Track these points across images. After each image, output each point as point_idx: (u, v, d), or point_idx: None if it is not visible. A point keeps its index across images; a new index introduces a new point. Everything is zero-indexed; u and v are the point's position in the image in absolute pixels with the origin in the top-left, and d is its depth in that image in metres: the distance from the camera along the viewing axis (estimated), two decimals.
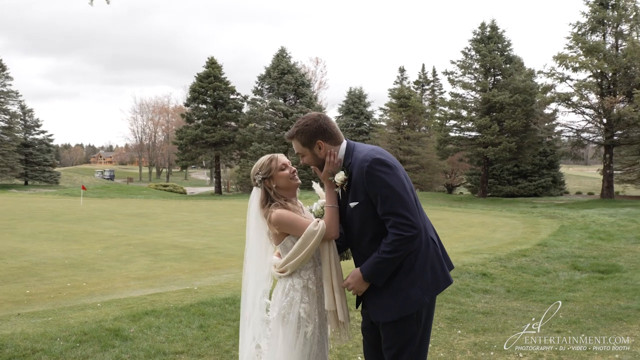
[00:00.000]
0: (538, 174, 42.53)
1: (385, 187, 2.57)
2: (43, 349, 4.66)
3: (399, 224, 2.54)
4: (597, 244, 11.81)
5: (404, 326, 2.68)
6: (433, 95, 65.28)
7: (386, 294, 2.67)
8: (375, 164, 2.60)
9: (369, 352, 2.96)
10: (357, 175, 2.65)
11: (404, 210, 2.55)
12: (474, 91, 36.36)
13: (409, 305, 2.64)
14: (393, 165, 2.63)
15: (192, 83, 46.59)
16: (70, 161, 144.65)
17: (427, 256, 2.69)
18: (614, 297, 7.03)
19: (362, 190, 2.64)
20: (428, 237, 2.73)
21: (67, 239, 12.40)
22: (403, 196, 2.57)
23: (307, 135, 2.79)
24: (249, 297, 3.02)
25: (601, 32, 31.14)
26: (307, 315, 2.80)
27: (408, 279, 2.65)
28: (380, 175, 2.58)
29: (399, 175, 2.62)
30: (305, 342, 2.79)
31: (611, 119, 29.82)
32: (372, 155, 2.64)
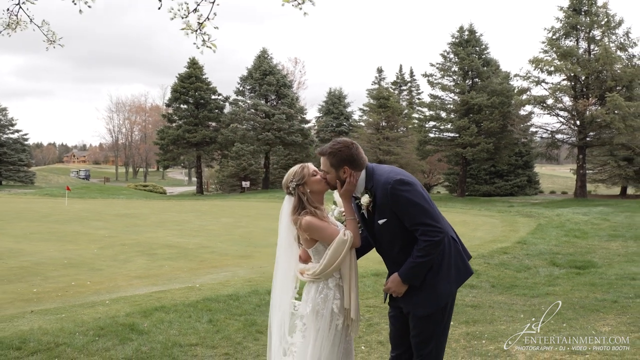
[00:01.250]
0: (514, 173, 43.51)
1: (410, 203, 2.93)
2: (65, 343, 4.91)
3: (427, 231, 2.90)
4: (573, 241, 12.40)
5: (434, 317, 3.09)
6: (410, 96, 66.00)
7: (420, 291, 3.06)
8: (397, 185, 2.95)
9: (396, 337, 3.36)
10: (382, 196, 3.00)
11: (429, 219, 2.92)
12: (452, 93, 37.11)
13: (440, 299, 3.06)
14: (412, 182, 2.99)
15: (174, 83, 46.49)
16: (42, 160, 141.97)
17: (450, 254, 3.08)
18: (590, 290, 7.54)
19: (388, 208, 2.99)
20: (449, 237, 3.11)
21: (61, 240, 12.55)
22: (426, 207, 2.93)
23: (337, 159, 3.12)
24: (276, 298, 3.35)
25: (574, 37, 32.10)
26: (339, 310, 3.14)
27: (438, 277, 3.04)
28: (404, 195, 2.93)
29: (419, 190, 2.98)
30: (336, 333, 3.15)
31: (584, 121, 30.77)
32: (393, 177, 2.98)
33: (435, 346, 3.17)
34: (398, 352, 3.36)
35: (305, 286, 3.31)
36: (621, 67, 29.67)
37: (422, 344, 3.16)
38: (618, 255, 10.54)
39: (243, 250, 11.41)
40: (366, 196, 3.08)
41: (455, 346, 5.12)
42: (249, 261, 10.07)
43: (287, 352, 3.28)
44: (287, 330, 3.28)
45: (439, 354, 3.21)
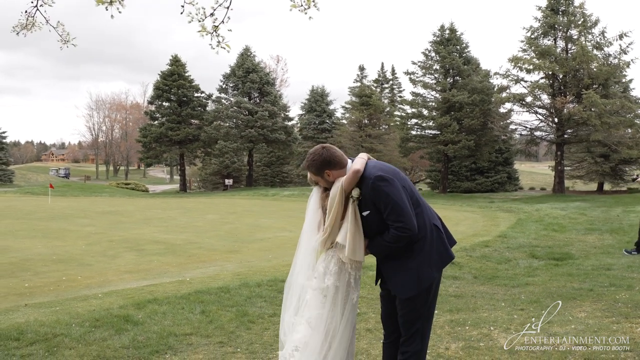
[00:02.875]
0: (494, 170, 44.18)
1: (386, 198, 3.20)
2: (63, 333, 5.03)
3: (397, 227, 3.20)
4: (552, 235, 12.78)
5: (417, 299, 3.35)
6: (392, 94, 66.44)
7: (404, 274, 3.34)
8: (377, 180, 3.22)
9: (386, 317, 3.63)
10: (365, 189, 3.28)
11: (400, 217, 3.19)
12: (434, 91, 37.55)
13: (423, 282, 3.31)
14: (391, 179, 3.24)
15: (156, 81, 46.20)
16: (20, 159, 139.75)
17: (432, 240, 3.36)
18: (568, 280, 7.87)
19: (370, 201, 3.27)
20: (431, 224, 3.39)
21: (47, 236, 12.55)
22: (400, 204, 3.19)
23: (316, 168, 3.42)
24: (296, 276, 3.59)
25: (552, 36, 32.71)
26: (355, 284, 3.45)
27: (419, 261, 3.32)
28: (381, 189, 3.21)
29: (396, 186, 3.23)
30: (353, 308, 3.45)
31: (562, 118, 31.39)
32: (374, 172, 3.26)
33: (422, 326, 3.44)
34: (389, 330, 3.64)
35: (320, 260, 3.56)
36: (597, 65, 30.31)
37: (408, 324, 3.42)
38: (594, 248, 10.93)
39: (230, 246, 11.55)
40: (356, 189, 3.34)
41: (440, 332, 5.36)
42: (236, 256, 10.22)
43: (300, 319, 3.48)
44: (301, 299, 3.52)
45: (424, 334, 3.47)
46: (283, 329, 3.60)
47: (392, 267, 3.41)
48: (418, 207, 3.36)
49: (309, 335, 3.39)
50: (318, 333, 3.38)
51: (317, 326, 3.39)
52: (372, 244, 3.37)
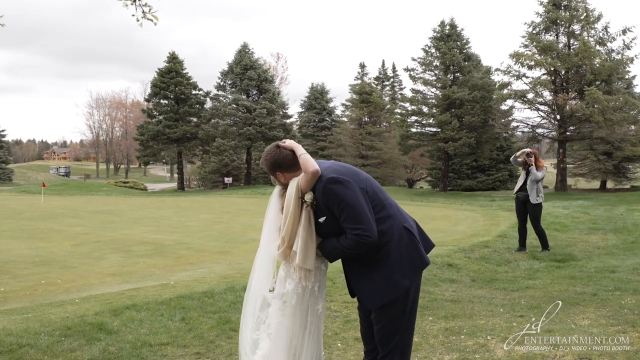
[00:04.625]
0: (495, 168, 43.83)
1: (340, 202, 2.90)
2: (29, 344, 4.71)
3: (355, 234, 2.89)
4: (553, 235, 12.42)
5: (392, 309, 3.03)
6: (393, 91, 66.15)
7: (371, 283, 3.03)
8: (329, 183, 2.92)
9: (366, 332, 3.31)
10: (318, 194, 2.98)
11: (358, 222, 2.88)
12: (434, 88, 37.16)
13: (392, 291, 2.99)
14: (345, 180, 2.94)
15: (153, 78, 45.91)
16: (22, 157, 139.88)
17: (401, 245, 3.03)
18: (570, 283, 7.51)
19: (325, 207, 2.98)
20: (401, 227, 3.07)
21: (33, 237, 12.21)
22: (356, 208, 2.89)
23: (268, 167, 3.19)
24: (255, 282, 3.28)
25: (554, 31, 32.31)
26: (320, 292, 3.12)
27: (387, 268, 3.00)
28: (335, 192, 2.91)
29: (352, 188, 2.93)
30: (318, 319, 3.13)
31: (564, 115, 31.02)
32: (327, 174, 2.96)
33: (400, 340, 3.10)
34: (369, 347, 3.31)
35: (282, 266, 3.26)
36: (600, 61, 29.92)
37: (385, 338, 3.09)
38: (597, 248, 10.57)
39: (221, 247, 11.22)
40: (310, 193, 3.06)
41: (434, 342, 5.02)
42: (226, 257, 9.88)
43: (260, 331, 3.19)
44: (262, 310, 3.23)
45: (404, 349, 3.13)
46: (244, 348, 3.26)
47: (358, 276, 3.11)
48: (383, 209, 3.05)
49: (271, 350, 3.07)
50: (280, 346, 3.06)
51: (277, 337, 3.07)
52: (324, 244, 3.07)
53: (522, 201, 10.34)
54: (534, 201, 10.08)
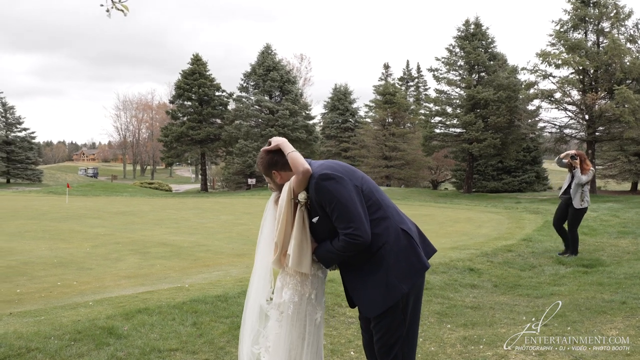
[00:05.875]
0: (522, 169, 43.03)
1: (332, 199, 2.78)
2: (38, 348, 4.66)
3: (347, 234, 2.76)
4: (581, 238, 11.96)
5: (391, 317, 2.88)
6: (418, 91, 65.65)
7: (368, 290, 2.88)
8: (321, 180, 2.81)
9: (368, 344, 3.16)
10: (311, 192, 2.87)
11: (349, 221, 2.75)
12: (458, 88, 36.63)
13: (390, 297, 2.84)
14: (339, 177, 2.82)
15: (177, 80, 46.36)
16: (52, 159, 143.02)
17: (398, 248, 2.88)
18: (597, 290, 7.19)
19: (317, 205, 2.87)
20: (398, 229, 2.92)
21: (54, 238, 12.32)
22: (349, 207, 2.76)
23: (263, 168, 3.13)
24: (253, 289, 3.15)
25: (583, 29, 31.54)
26: (317, 300, 2.98)
27: (384, 273, 2.85)
28: (327, 189, 2.79)
29: (345, 185, 2.81)
30: (317, 329, 2.99)
31: (593, 115, 30.24)
32: (319, 171, 2.86)
33: (401, 351, 2.93)
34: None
35: (279, 276, 3.15)
36: (631, 59, 29.05)
37: (385, 349, 2.92)
38: (627, 253, 10.15)
39: (239, 249, 11.14)
40: (303, 192, 2.97)
41: (451, 351, 4.82)
42: (243, 260, 9.78)
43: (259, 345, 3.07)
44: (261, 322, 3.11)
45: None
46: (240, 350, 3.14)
47: (354, 283, 2.96)
48: (379, 210, 2.90)
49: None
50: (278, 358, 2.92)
51: (276, 350, 2.93)
52: (319, 248, 2.95)
53: (565, 205, 9.91)
54: (577, 206, 9.62)
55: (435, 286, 7.32)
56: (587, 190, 9.70)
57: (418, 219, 17.56)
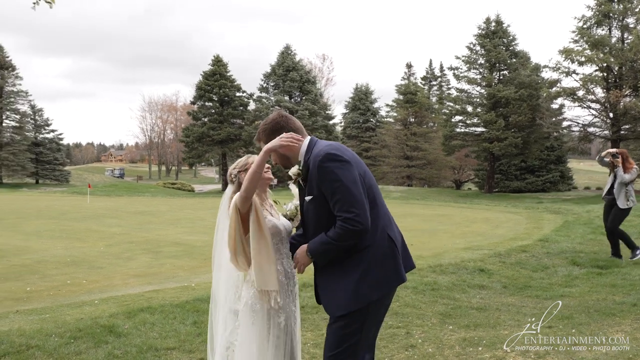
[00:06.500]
0: (545, 169, 42.29)
1: (335, 181, 2.63)
2: (37, 345, 4.72)
3: (346, 219, 2.59)
4: (600, 239, 11.75)
5: (347, 321, 2.70)
6: (441, 91, 65.06)
7: (337, 289, 2.72)
8: (327, 159, 2.66)
9: None
10: (312, 169, 2.72)
11: (351, 206, 2.59)
12: (479, 86, 36.19)
13: (355, 302, 2.68)
14: (345, 160, 2.67)
15: (198, 81, 46.82)
16: (81, 160, 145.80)
17: (379, 253, 2.73)
18: (610, 292, 7.00)
19: (315, 184, 2.71)
20: (385, 234, 2.77)
21: (71, 237, 12.53)
22: (352, 190, 2.61)
23: (267, 135, 2.93)
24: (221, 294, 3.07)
25: (607, 25, 30.90)
26: (279, 307, 2.86)
27: (358, 275, 2.68)
28: (331, 169, 2.64)
29: (350, 170, 2.66)
30: (280, 332, 2.85)
31: (617, 113, 29.59)
32: (326, 150, 2.70)
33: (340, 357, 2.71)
34: None
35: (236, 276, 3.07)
36: None
37: (328, 348, 2.76)
38: None
39: None
40: (296, 166, 2.87)
41: (448, 353, 4.73)
42: None
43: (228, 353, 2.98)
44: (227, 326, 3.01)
45: None
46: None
47: (326, 279, 2.79)
48: (374, 207, 2.75)
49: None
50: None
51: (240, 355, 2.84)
52: (313, 245, 2.74)
53: (609, 206, 9.61)
54: (622, 206, 9.25)
55: (442, 287, 7.22)
56: (632, 189, 9.34)
57: (435, 220, 17.39)
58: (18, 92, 51.23)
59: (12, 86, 50.93)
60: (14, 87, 51.03)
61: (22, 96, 51.74)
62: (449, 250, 10.18)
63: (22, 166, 49.20)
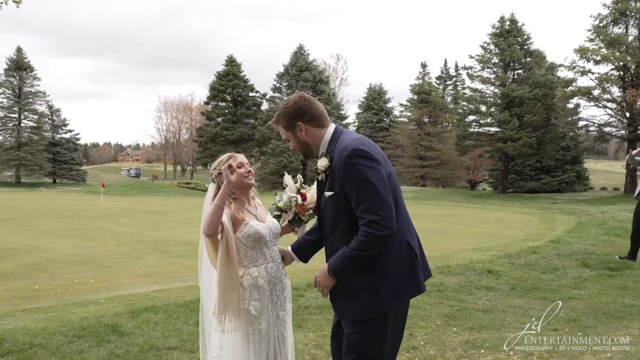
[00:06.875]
0: (561, 169, 41.80)
1: (361, 181, 2.41)
2: (41, 344, 4.75)
3: (371, 222, 2.37)
4: (613, 240, 11.60)
5: (366, 330, 2.52)
6: (455, 90, 64.65)
7: (351, 293, 2.52)
8: (354, 155, 2.44)
9: (337, 352, 2.83)
10: (336, 164, 2.51)
11: (377, 209, 2.38)
12: (492, 86, 35.88)
13: (372, 308, 2.50)
14: (374, 158, 2.46)
15: (212, 81, 47.10)
16: (98, 159, 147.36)
17: (398, 260, 2.54)
18: (619, 294, 6.89)
19: (338, 179, 2.49)
20: (404, 240, 2.57)
21: (82, 236, 12.64)
22: (380, 191, 2.40)
23: (287, 118, 2.69)
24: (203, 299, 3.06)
25: (623, 23, 30.46)
26: (259, 313, 2.81)
27: (375, 281, 2.50)
28: (358, 168, 2.42)
29: (378, 169, 2.45)
30: (261, 339, 2.80)
31: (634, 112, 29.16)
32: (354, 145, 2.47)
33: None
34: None
35: None
36: None
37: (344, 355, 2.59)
38: None
39: None
40: (324, 159, 2.60)
41: (450, 355, 4.69)
42: None
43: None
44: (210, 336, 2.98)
45: None
46: None
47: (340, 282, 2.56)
48: (396, 211, 2.51)
49: None
50: None
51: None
52: (334, 262, 2.52)
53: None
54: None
55: (448, 288, 7.16)
56: None
57: (447, 220, 17.26)
58: (36, 92, 51.89)
59: (31, 87, 51.59)
60: (32, 88, 51.69)
61: (40, 97, 52.39)
62: (458, 251, 10.10)
63: (39, 166, 49.84)
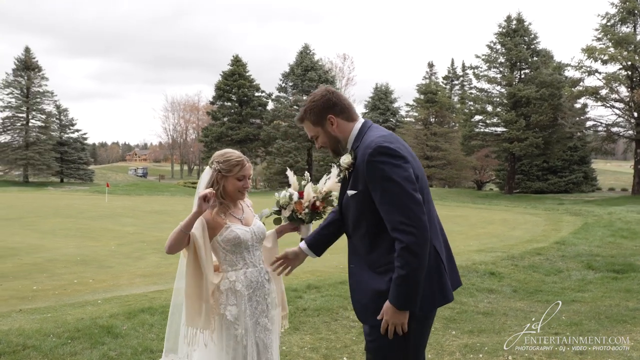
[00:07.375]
0: (568, 169, 41.46)
1: (385, 180, 2.21)
2: (34, 345, 4.70)
3: (400, 226, 2.18)
4: (619, 242, 11.46)
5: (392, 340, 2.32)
6: (463, 90, 64.40)
7: (371, 294, 2.36)
8: (378, 152, 2.24)
9: None
10: (360, 161, 2.32)
11: (406, 217, 2.17)
12: (499, 85, 35.66)
13: None
14: (400, 156, 2.24)
15: (218, 81, 47.15)
16: (106, 159, 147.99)
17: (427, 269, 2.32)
18: (623, 297, 6.79)
19: (362, 179, 2.31)
20: (431, 246, 2.32)
21: (84, 236, 12.64)
22: (405, 189, 2.18)
23: (316, 113, 2.48)
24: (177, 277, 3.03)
25: (631, 22, 30.17)
26: (235, 318, 2.74)
27: None
28: (381, 166, 2.22)
29: (405, 167, 2.23)
30: (237, 345, 2.73)
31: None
32: (378, 142, 2.27)
33: None
34: None
35: None
36: None
37: None
38: None
39: None
40: (347, 155, 2.42)
41: (448, 359, 4.60)
42: None
43: None
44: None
45: None
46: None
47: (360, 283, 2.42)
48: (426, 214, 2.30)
49: None
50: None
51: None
52: (392, 295, 2.25)
53: None
54: None
55: None
56: None
57: (451, 220, 17.13)
58: (44, 92, 52.16)
59: (39, 87, 51.87)
60: (40, 88, 51.96)
61: (48, 96, 52.67)
62: (460, 253, 9.99)
63: (47, 165, 50.09)
